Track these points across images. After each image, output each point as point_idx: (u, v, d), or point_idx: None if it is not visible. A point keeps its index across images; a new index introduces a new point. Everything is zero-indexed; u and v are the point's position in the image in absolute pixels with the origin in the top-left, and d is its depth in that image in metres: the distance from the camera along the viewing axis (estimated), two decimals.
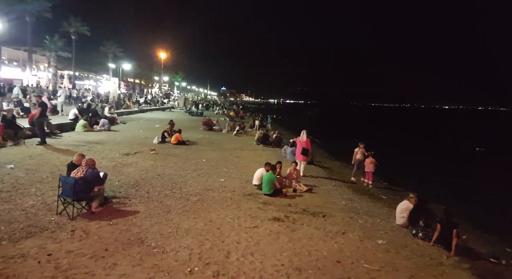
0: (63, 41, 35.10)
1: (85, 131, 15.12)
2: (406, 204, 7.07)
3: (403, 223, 6.88)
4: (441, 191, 11.73)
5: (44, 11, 31.45)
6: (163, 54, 58.77)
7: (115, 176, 8.08)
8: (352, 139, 12.86)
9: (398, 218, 7.05)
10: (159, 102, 43.48)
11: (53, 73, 34.04)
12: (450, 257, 5.61)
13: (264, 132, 17.41)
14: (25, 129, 11.44)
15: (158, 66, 63.76)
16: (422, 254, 5.57)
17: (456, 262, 5.47)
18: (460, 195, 11.55)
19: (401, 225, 6.89)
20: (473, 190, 12.62)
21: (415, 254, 5.50)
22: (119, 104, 28.87)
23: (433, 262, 5.32)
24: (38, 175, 7.47)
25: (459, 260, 5.56)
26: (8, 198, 5.85)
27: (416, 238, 6.30)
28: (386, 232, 6.39)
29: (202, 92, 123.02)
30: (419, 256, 5.45)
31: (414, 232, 6.44)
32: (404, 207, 7.02)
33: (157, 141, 13.90)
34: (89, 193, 5.72)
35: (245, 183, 8.82)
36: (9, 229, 4.69)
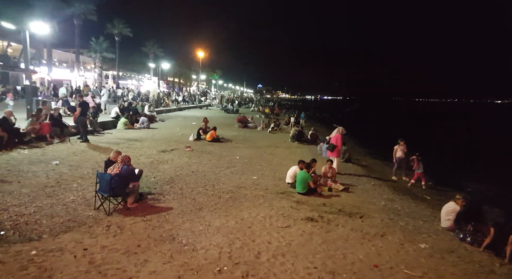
0: (108, 43, 37.21)
1: (125, 129, 15.80)
2: (452, 205, 6.45)
3: (449, 226, 6.29)
4: (494, 192, 10.62)
5: (90, 13, 33.47)
6: (201, 53, 60.12)
7: (151, 173, 8.28)
8: (393, 136, 12.09)
9: (443, 221, 6.45)
10: (196, 100, 44.56)
11: (99, 74, 36.26)
12: (504, 265, 4.97)
13: (299, 130, 17.04)
14: (70, 127, 12.19)
15: (196, 65, 65.39)
16: (470, 260, 5.01)
17: (510, 270, 4.84)
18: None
19: (447, 228, 6.30)
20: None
21: (463, 260, 4.96)
22: (159, 103, 29.96)
23: (483, 269, 4.75)
24: (80, 171, 7.86)
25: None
26: (51, 193, 6.19)
27: (463, 242, 5.71)
28: (429, 236, 5.86)
29: (239, 90, 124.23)
30: (467, 263, 4.90)
31: (461, 236, 5.85)
32: (450, 209, 6.41)
33: (192, 138, 14.15)
34: (124, 189, 5.86)
35: (278, 181, 8.62)
36: (51, 223, 4.93)
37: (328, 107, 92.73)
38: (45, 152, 9.47)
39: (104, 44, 36.69)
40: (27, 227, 4.73)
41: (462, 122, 50.72)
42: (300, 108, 56.88)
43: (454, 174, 12.83)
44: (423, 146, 15.52)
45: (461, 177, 12.15)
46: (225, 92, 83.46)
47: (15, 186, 6.37)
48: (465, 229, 5.89)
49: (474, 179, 12.00)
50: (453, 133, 32.14)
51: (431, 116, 66.11)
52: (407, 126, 36.98)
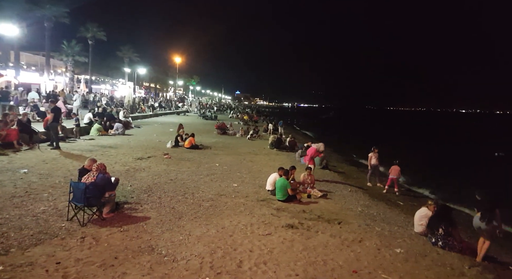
0: (80, 46, 35.95)
1: (99, 135, 15.29)
2: (424, 211, 6.74)
3: (421, 231, 6.55)
4: (462, 195, 11.21)
5: (62, 16, 32.23)
6: (178, 58, 59.43)
7: (128, 181, 8.04)
8: (368, 143, 12.53)
9: (416, 226, 6.71)
10: (173, 106, 43.90)
11: (70, 78, 34.88)
12: (473, 267, 5.25)
13: (278, 137, 17.20)
14: (40, 133, 11.62)
15: (173, 70, 64.47)
16: (442, 263, 5.23)
17: (479, 272, 5.11)
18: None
19: (420, 232, 6.56)
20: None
21: (435, 264, 5.18)
22: (134, 108, 29.24)
23: (454, 272, 4.99)
24: (51, 180, 7.49)
25: (482, 270, 5.19)
26: (19, 204, 5.85)
27: (435, 246, 5.96)
28: (404, 240, 6.07)
29: (217, 96, 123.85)
30: (440, 266, 5.12)
31: (433, 241, 6.10)
32: (422, 214, 6.68)
33: (170, 145, 13.90)
34: (100, 199, 5.64)
35: (258, 188, 8.63)
36: (19, 236, 4.65)
37: (305, 115, 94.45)
38: (12, 160, 8.95)
39: (77, 47, 35.39)
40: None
41: (429, 130, 53.30)
42: (278, 115, 57.58)
43: (426, 180, 13.43)
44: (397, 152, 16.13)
45: (430, 183, 12.76)
46: (203, 99, 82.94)
47: None
48: (437, 233, 6.15)
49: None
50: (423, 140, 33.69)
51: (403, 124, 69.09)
52: (380, 133, 38.33)
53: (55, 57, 35.76)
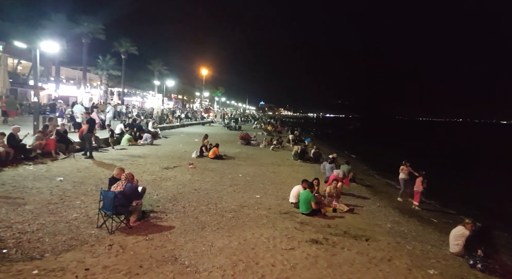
0: (114, 61, 38.08)
1: (129, 145, 15.87)
2: (461, 230, 6.32)
3: (458, 251, 6.14)
4: (504, 217, 10.45)
5: (98, 33, 34.43)
6: (205, 70, 61.15)
7: (154, 190, 8.25)
8: (399, 156, 12.08)
9: (452, 245, 6.31)
10: (199, 117, 44.91)
11: (104, 90, 36.83)
12: None
13: (302, 148, 17.02)
14: (75, 143, 12.26)
15: (199, 82, 66.35)
16: None
17: None
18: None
19: (456, 253, 6.15)
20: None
21: None
22: (162, 119, 30.20)
23: None
24: (83, 188, 7.85)
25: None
26: (55, 210, 6.16)
27: (473, 269, 5.56)
28: (438, 261, 5.72)
29: (241, 107, 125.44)
30: None
31: (471, 263, 5.70)
32: (459, 234, 6.28)
33: (195, 155, 14.16)
34: (127, 207, 5.82)
35: (281, 200, 8.54)
36: (53, 242, 4.88)
37: (330, 125, 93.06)
38: (49, 168, 9.49)
39: (111, 62, 37.53)
40: (29, 245, 4.68)
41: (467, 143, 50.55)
42: (303, 125, 57.13)
43: (459, 196, 12.67)
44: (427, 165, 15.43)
45: (466, 199, 12.00)
46: (228, 109, 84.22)
47: (19, 202, 6.35)
48: (475, 255, 5.75)
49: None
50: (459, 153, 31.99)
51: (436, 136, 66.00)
52: (411, 146, 36.86)
53: (91, 71, 38.03)
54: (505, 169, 23.15)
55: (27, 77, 30.83)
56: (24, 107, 24.68)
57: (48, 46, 15.22)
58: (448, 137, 63.38)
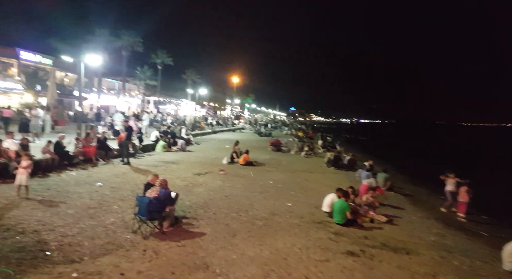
0: (151, 71, 39.97)
1: (164, 151, 16.36)
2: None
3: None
4: None
5: (137, 45, 36.35)
6: (235, 78, 62.23)
7: (186, 196, 8.36)
8: (440, 163, 11.32)
9: (506, 263, 5.71)
10: (230, 124, 45.49)
11: (142, 100, 38.61)
12: None
13: (335, 154, 16.52)
14: (114, 150, 12.85)
15: (230, 89, 67.60)
16: None
17: None
18: None
19: (511, 271, 5.55)
20: None
21: None
22: (195, 126, 30.95)
23: None
24: (120, 193, 8.14)
25: None
26: (94, 214, 6.42)
27: None
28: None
29: (271, 113, 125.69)
30: None
31: None
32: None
33: (226, 161, 14.27)
34: (161, 213, 5.93)
35: (314, 209, 8.29)
36: (91, 245, 5.05)
37: (364, 131, 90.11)
38: (90, 174, 9.99)
39: (148, 72, 39.44)
40: (70, 248, 4.88)
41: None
42: (335, 131, 55.86)
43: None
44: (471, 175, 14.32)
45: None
46: (258, 116, 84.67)
47: (62, 206, 6.71)
48: None
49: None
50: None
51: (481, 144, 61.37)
52: (453, 153, 34.60)
53: (130, 81, 40.13)
54: None
55: (72, 88, 33.18)
56: (71, 117, 26.48)
57: (92, 60, 16.30)
58: (500, 144, 58.55)
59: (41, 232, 5.30)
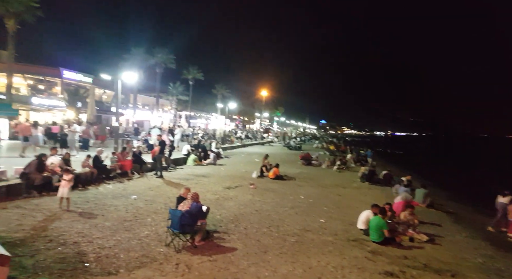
0: (182, 87, 41.58)
1: (195, 165, 16.66)
2: None
3: None
4: None
5: (169, 62, 38.12)
6: (264, 92, 62.89)
7: (217, 210, 8.38)
8: (484, 179, 10.54)
9: None
10: (259, 137, 45.66)
11: (174, 114, 40.03)
12: None
13: (370, 169, 15.91)
14: (148, 163, 13.28)
15: (259, 103, 68.33)
16: None
17: None
18: None
19: None
20: None
21: None
22: (224, 140, 31.38)
23: None
24: (154, 206, 8.33)
25: None
26: (129, 227, 6.60)
27: None
28: None
29: (301, 126, 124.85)
30: None
31: None
32: None
33: (256, 175, 14.23)
34: (193, 227, 5.97)
35: (348, 225, 7.96)
36: (127, 258, 5.17)
37: (399, 144, 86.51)
38: (126, 187, 10.36)
39: (180, 88, 41.08)
40: (107, 260, 5.01)
41: None
42: (368, 145, 54.12)
43: None
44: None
45: None
46: (288, 129, 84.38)
47: (100, 219, 6.97)
48: None
49: None
50: None
51: None
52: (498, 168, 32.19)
53: (163, 97, 41.86)
54: None
55: (110, 104, 35.15)
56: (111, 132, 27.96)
57: (128, 77, 17.26)
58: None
59: (81, 244, 5.52)
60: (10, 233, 5.69)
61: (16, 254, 4.77)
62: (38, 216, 6.79)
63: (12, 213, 6.77)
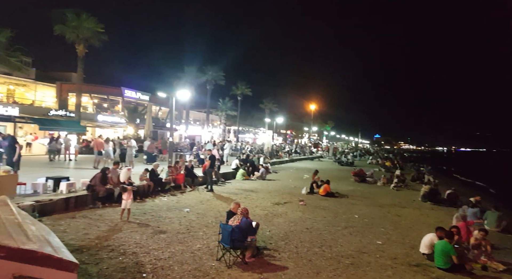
0: (231, 102, 42.99)
1: (243, 179, 16.83)
2: None
3: None
4: None
5: (219, 79, 39.83)
6: (313, 105, 62.15)
7: (266, 226, 8.27)
8: None
9: None
10: (307, 152, 44.93)
11: (223, 129, 41.37)
12: None
13: (432, 187, 14.61)
14: (199, 177, 13.74)
15: (308, 116, 67.67)
16: None
17: None
18: None
19: None
20: None
21: None
22: (272, 154, 31.39)
23: None
24: (205, 219, 8.51)
25: None
26: (182, 240, 6.78)
27: None
28: None
29: (353, 141, 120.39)
30: None
31: None
32: None
33: (305, 191, 13.89)
34: (243, 242, 5.92)
35: (409, 249, 7.31)
36: (181, 270, 5.27)
37: (467, 161, 78.71)
38: (179, 200, 10.78)
39: (229, 103, 42.51)
40: (162, 272, 5.17)
41: None
42: (429, 161, 50.14)
43: None
44: None
45: None
46: (338, 143, 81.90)
47: (156, 230, 7.28)
48: None
49: None
50: None
51: None
52: None
53: (213, 112, 43.61)
54: None
55: (165, 120, 37.52)
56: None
57: (182, 95, 18.33)
58: None
59: (139, 254, 5.78)
60: (78, 241, 6.18)
61: (83, 261, 5.15)
62: (101, 225, 7.31)
63: (80, 222, 7.38)
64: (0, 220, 3.67)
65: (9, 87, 27.77)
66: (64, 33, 22.30)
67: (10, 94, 27.83)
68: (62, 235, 6.19)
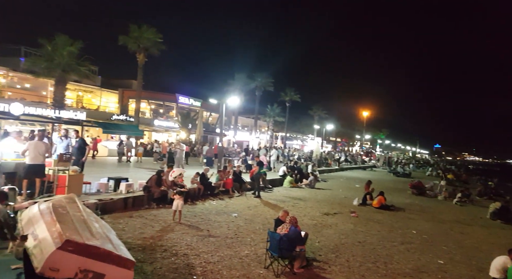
0: (279, 108, 43.00)
1: (290, 187, 16.59)
2: None
3: None
4: None
5: (268, 85, 40.19)
6: (365, 112, 59.52)
7: (316, 236, 7.99)
8: None
9: None
10: (359, 161, 43.02)
11: (270, 135, 41.51)
12: None
13: (503, 204, 12.99)
14: (247, 183, 13.85)
15: (359, 124, 64.97)
16: None
17: None
18: None
19: None
20: None
21: None
22: (321, 162, 30.60)
23: None
24: (253, 226, 8.49)
25: None
26: (231, 244, 6.83)
27: None
28: None
29: (409, 150, 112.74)
30: None
31: None
32: None
33: (357, 202, 13.23)
34: (291, 252, 5.77)
35: (476, 272, 6.54)
36: (229, 275, 5.29)
37: None
38: (227, 204, 10.95)
39: (277, 110, 42.59)
40: (212, 275, 5.22)
41: None
42: (498, 174, 44.91)
43: None
44: None
45: None
46: (393, 153, 77.30)
47: (205, 233, 7.44)
48: None
49: None
50: None
51: None
52: None
53: (261, 118, 44.03)
54: None
55: (214, 126, 38.81)
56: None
57: (231, 101, 18.82)
58: None
59: (189, 256, 5.93)
60: (135, 240, 6.54)
61: (139, 259, 5.41)
62: (156, 226, 7.67)
63: (136, 222, 7.82)
64: (68, 216, 3.99)
65: (78, 93, 31.03)
66: (127, 43, 24.31)
67: (79, 100, 31.08)
68: (121, 233, 6.60)
